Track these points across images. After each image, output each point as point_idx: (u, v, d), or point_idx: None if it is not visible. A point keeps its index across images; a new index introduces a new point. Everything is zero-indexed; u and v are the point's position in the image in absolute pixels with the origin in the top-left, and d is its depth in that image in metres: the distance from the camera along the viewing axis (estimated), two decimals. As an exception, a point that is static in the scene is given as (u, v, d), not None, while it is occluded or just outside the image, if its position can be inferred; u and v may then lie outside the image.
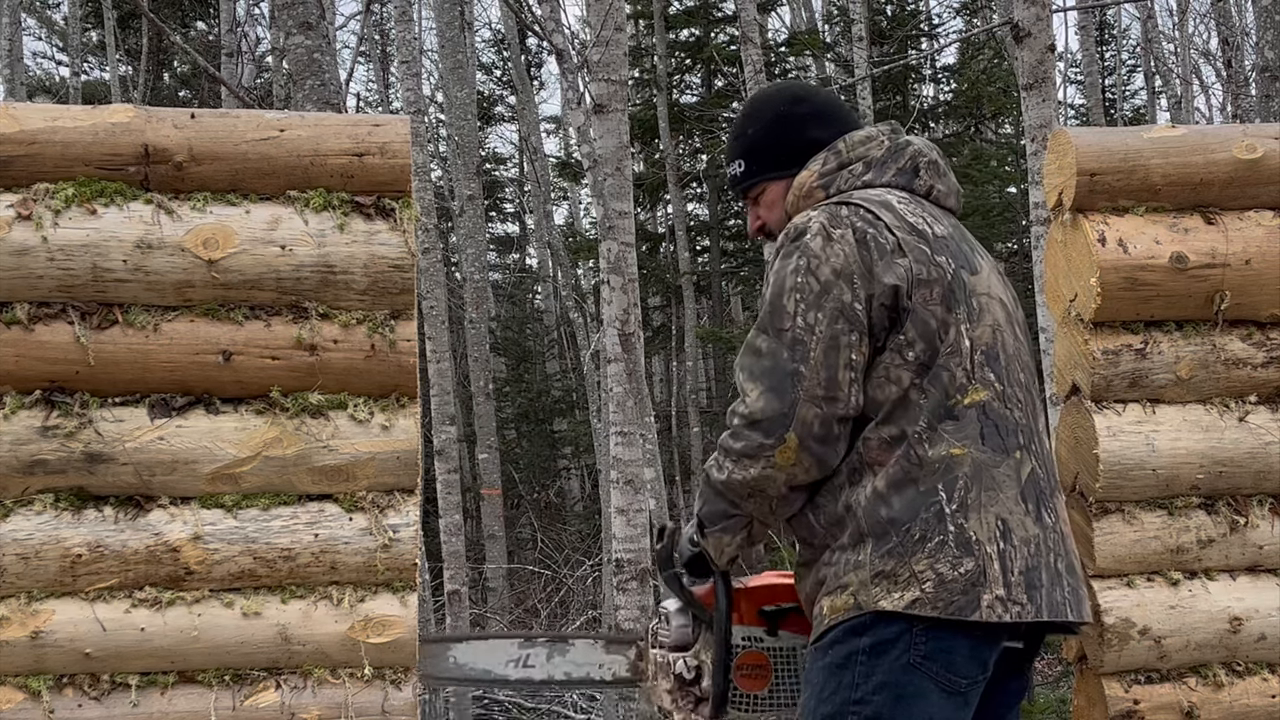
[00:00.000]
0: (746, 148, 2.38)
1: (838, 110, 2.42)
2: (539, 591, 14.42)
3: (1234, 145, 2.56)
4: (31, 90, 16.16)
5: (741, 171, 2.39)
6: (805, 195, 2.30)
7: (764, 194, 2.38)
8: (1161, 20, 20.60)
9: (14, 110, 2.34)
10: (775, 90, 2.48)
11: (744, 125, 2.41)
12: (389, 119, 2.47)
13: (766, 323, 2.13)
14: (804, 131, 2.34)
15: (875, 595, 2.06)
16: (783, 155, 2.34)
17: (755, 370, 2.12)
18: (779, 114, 2.36)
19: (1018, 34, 4.36)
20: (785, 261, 2.15)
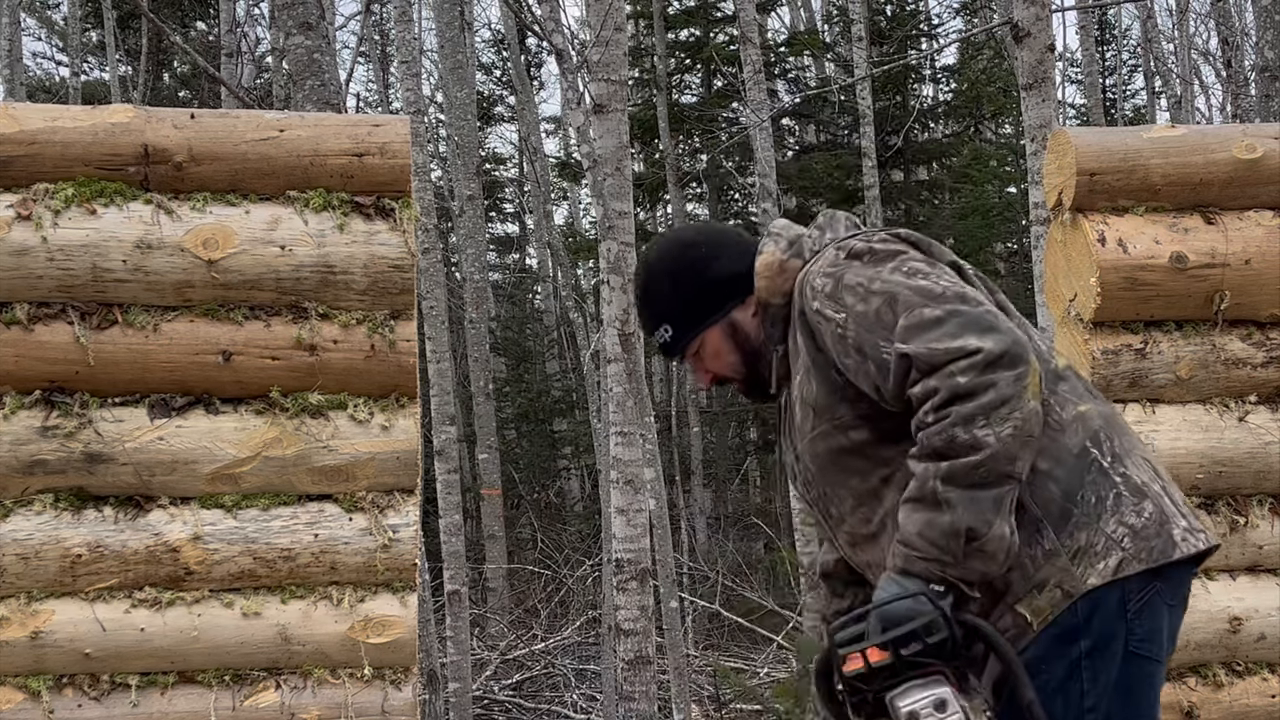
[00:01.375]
0: (665, 310, 2.24)
1: (727, 234, 2.32)
2: (539, 591, 14.42)
3: (1234, 145, 2.56)
4: (31, 90, 16.16)
5: (672, 335, 2.24)
6: (780, 271, 2.16)
7: (703, 347, 2.23)
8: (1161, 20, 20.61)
9: (14, 110, 2.34)
10: (665, 246, 2.33)
11: (653, 289, 2.27)
12: (388, 119, 2.47)
13: (918, 301, 1.94)
14: (714, 270, 2.21)
15: (1082, 575, 1.93)
16: (706, 303, 2.21)
17: (952, 329, 1.89)
18: (681, 266, 2.23)
19: (1017, 34, 4.36)
20: (862, 270, 2.01)
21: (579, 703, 10.89)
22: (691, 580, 13.73)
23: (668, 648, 7.99)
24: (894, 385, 1.94)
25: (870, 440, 2.03)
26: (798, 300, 2.11)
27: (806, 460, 2.14)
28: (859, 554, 2.14)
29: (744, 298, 2.20)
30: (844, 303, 2.01)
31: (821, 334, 2.03)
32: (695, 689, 9.96)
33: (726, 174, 16.32)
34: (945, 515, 1.85)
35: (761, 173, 10.24)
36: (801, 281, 2.11)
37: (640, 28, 16.71)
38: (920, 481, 1.88)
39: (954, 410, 1.85)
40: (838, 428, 2.06)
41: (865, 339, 1.97)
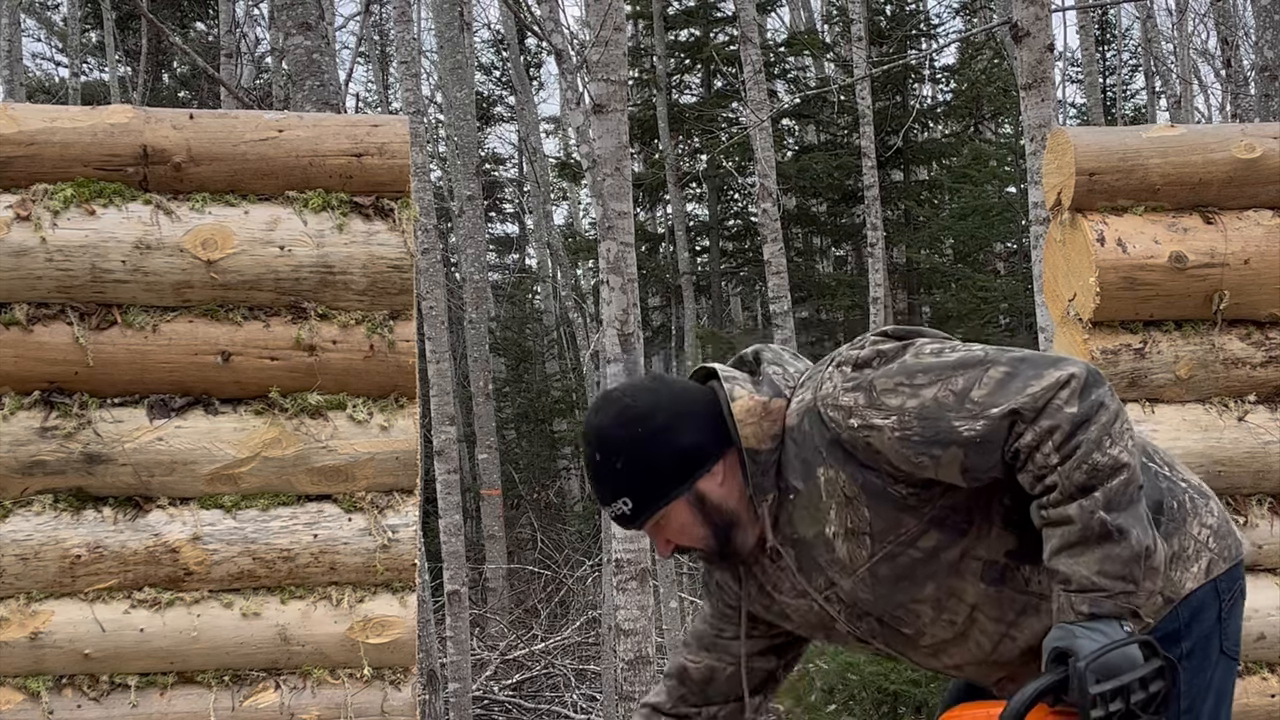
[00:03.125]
0: (625, 484, 2.02)
1: (686, 394, 2.08)
2: (539, 591, 14.43)
3: (1233, 145, 2.55)
4: (31, 91, 16.16)
5: (632, 509, 2.03)
6: (764, 414, 2.01)
7: (666, 520, 2.04)
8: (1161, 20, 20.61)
9: (13, 111, 2.34)
10: (616, 412, 2.07)
11: (607, 462, 2.04)
12: (388, 119, 2.47)
13: (973, 372, 1.87)
14: (676, 443, 2.01)
15: (1179, 580, 1.93)
16: (668, 477, 2.01)
17: (1029, 373, 1.84)
18: (639, 436, 2.02)
19: (1017, 34, 4.36)
20: (890, 370, 1.92)
21: (579, 703, 10.90)
22: (691, 580, 13.72)
23: (668, 648, 7.99)
24: (994, 453, 1.84)
25: (941, 542, 1.94)
26: (817, 432, 1.96)
27: (859, 593, 2.00)
28: (945, 660, 2.06)
29: (711, 466, 2.01)
30: (890, 406, 1.89)
31: (874, 448, 1.90)
32: (695, 689, 9.94)
33: (726, 174, 16.32)
34: (1120, 543, 1.77)
35: (761, 173, 10.24)
36: (815, 413, 1.96)
37: (640, 28, 16.71)
38: (1082, 521, 1.78)
39: (1081, 439, 1.79)
40: (905, 543, 1.95)
41: (938, 427, 1.85)
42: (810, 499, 1.98)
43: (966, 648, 2.02)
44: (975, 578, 1.95)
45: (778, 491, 2.01)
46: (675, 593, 7.60)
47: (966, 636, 2.00)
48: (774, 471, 2.01)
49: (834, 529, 1.97)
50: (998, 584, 1.95)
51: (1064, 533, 1.80)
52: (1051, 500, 1.81)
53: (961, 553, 1.94)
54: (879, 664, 5.18)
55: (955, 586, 1.96)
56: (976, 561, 1.94)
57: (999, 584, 1.95)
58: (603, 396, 2.12)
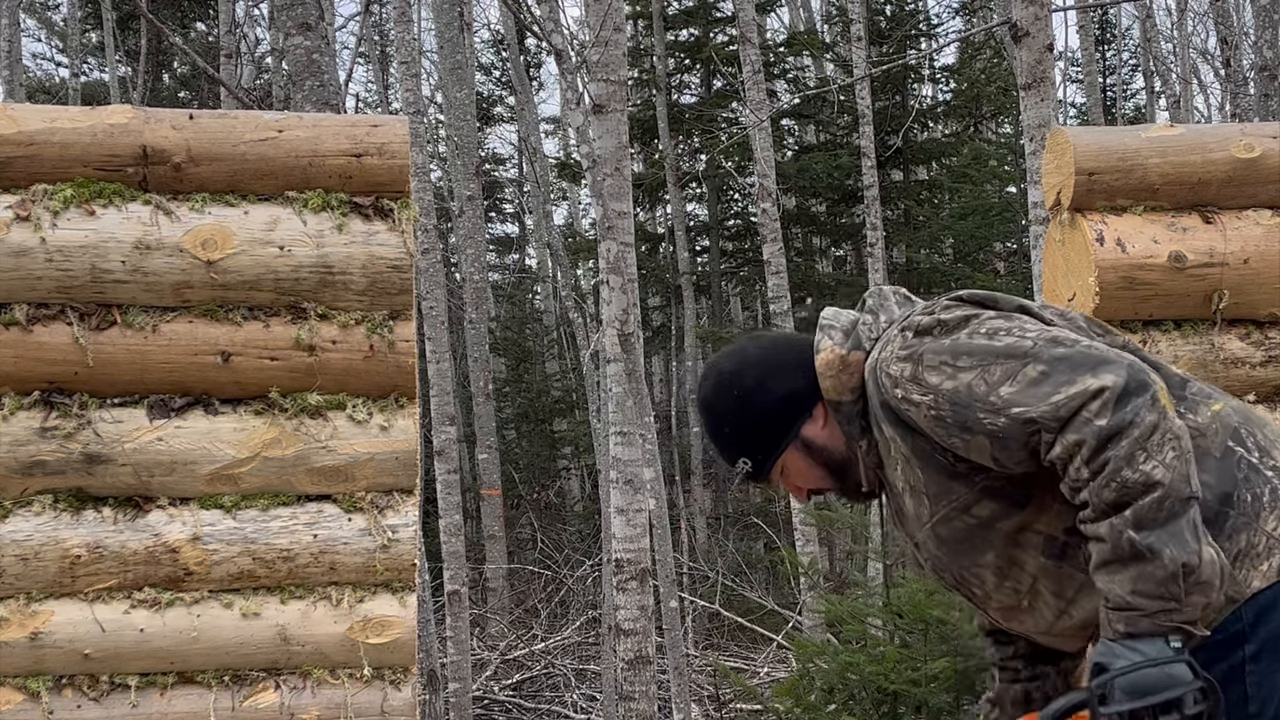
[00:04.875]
0: (738, 445, 2.16)
1: (774, 349, 2.21)
2: (539, 591, 14.43)
3: (1232, 144, 2.55)
4: (31, 91, 16.16)
5: (752, 467, 2.16)
6: (843, 368, 2.07)
7: (786, 469, 2.16)
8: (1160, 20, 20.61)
9: (12, 111, 2.34)
10: (715, 382, 2.20)
11: (717, 428, 2.18)
12: (387, 120, 2.47)
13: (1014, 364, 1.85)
14: (769, 396, 2.12)
15: (1245, 579, 1.84)
16: (772, 431, 2.13)
17: (1062, 378, 1.80)
18: (736, 402, 2.14)
19: (1016, 33, 4.36)
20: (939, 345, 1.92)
21: (579, 703, 10.90)
22: (691, 580, 13.73)
23: (668, 648, 7.99)
24: (1016, 451, 1.85)
25: (996, 512, 1.95)
26: (874, 393, 2.01)
27: (931, 547, 2.05)
28: (1017, 625, 2.07)
29: (810, 411, 2.11)
30: (929, 384, 1.91)
31: (915, 420, 1.94)
32: (695, 689, 9.96)
33: (726, 174, 16.33)
34: (1153, 563, 1.73)
35: (761, 173, 10.24)
36: (874, 373, 2.01)
37: (640, 28, 16.72)
38: (1112, 540, 1.75)
39: (1110, 455, 1.75)
40: (958, 509, 1.97)
41: (966, 415, 1.87)
42: (888, 449, 2.04)
43: (1032, 618, 2.02)
44: (1036, 551, 1.94)
45: (867, 437, 2.07)
46: (675, 592, 7.60)
47: (1032, 608, 2.01)
48: (860, 420, 2.06)
49: (901, 484, 2.03)
50: (1058, 560, 1.93)
51: (1099, 550, 1.78)
52: (1085, 516, 1.79)
53: (1020, 525, 1.94)
54: (879, 664, 5.18)
55: (1016, 557, 1.96)
56: (1037, 535, 1.93)
57: (1059, 560, 1.93)
58: (704, 368, 2.25)
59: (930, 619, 5.16)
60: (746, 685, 7.73)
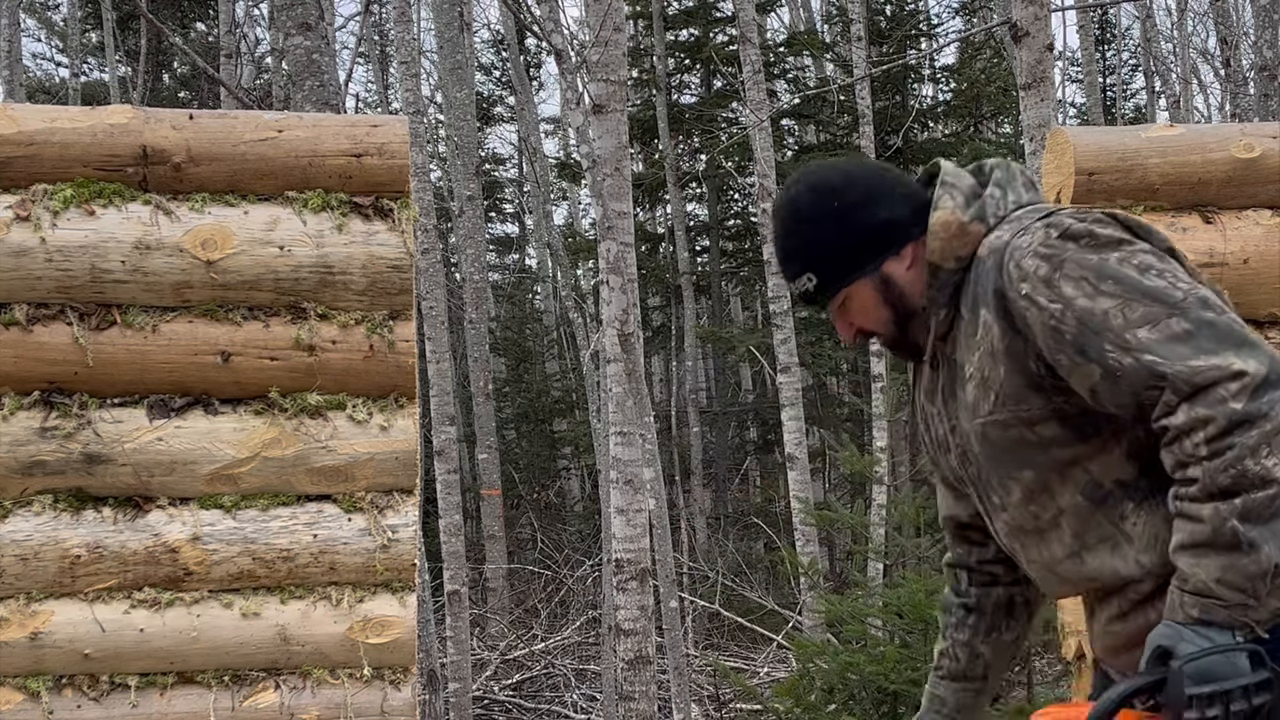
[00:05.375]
0: (813, 258, 2.01)
1: (885, 176, 2.07)
2: (539, 591, 14.43)
3: (1232, 144, 2.56)
4: (31, 91, 16.17)
5: (816, 285, 2.01)
6: (960, 234, 1.95)
7: (849, 300, 2.02)
8: (1160, 20, 20.62)
9: (12, 111, 2.34)
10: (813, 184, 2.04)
11: (797, 232, 2.03)
12: (387, 120, 2.47)
13: (1160, 310, 1.74)
14: (870, 218, 1.99)
15: None
16: (857, 254, 1.99)
17: (1206, 344, 1.71)
18: (832, 210, 1.99)
19: (1016, 33, 4.36)
20: (1086, 258, 1.81)
21: (579, 703, 10.90)
22: (691, 580, 13.73)
23: (668, 648, 8.00)
24: (1124, 395, 1.76)
25: (1057, 438, 1.88)
26: (990, 276, 1.90)
27: (970, 440, 1.97)
28: (1016, 546, 2.01)
29: (900, 249, 1.99)
30: (1063, 294, 1.79)
31: (1028, 321, 1.83)
32: (695, 689, 9.96)
33: (726, 174, 16.33)
34: (1248, 556, 1.67)
35: (761, 173, 10.24)
36: (1000, 257, 1.89)
37: (640, 28, 16.72)
38: (1213, 524, 1.68)
39: (1236, 441, 1.67)
40: (1023, 419, 1.89)
41: (1090, 340, 1.77)
42: (969, 330, 1.94)
43: (1038, 546, 1.97)
44: (1076, 488, 1.88)
45: (951, 309, 1.97)
46: (675, 592, 7.60)
47: (1043, 536, 1.95)
48: (951, 291, 1.97)
49: (972, 368, 1.93)
50: (1095, 504, 1.88)
51: (1192, 530, 1.72)
52: (1188, 494, 1.72)
53: (1074, 458, 1.88)
54: (879, 664, 5.18)
55: (1054, 486, 1.90)
56: (1085, 474, 1.88)
57: (1096, 505, 1.88)
58: (799, 171, 2.10)
59: (930, 619, 5.16)
60: (746, 685, 7.73)
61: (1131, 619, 1.91)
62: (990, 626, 2.24)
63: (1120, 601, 1.92)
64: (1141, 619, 1.89)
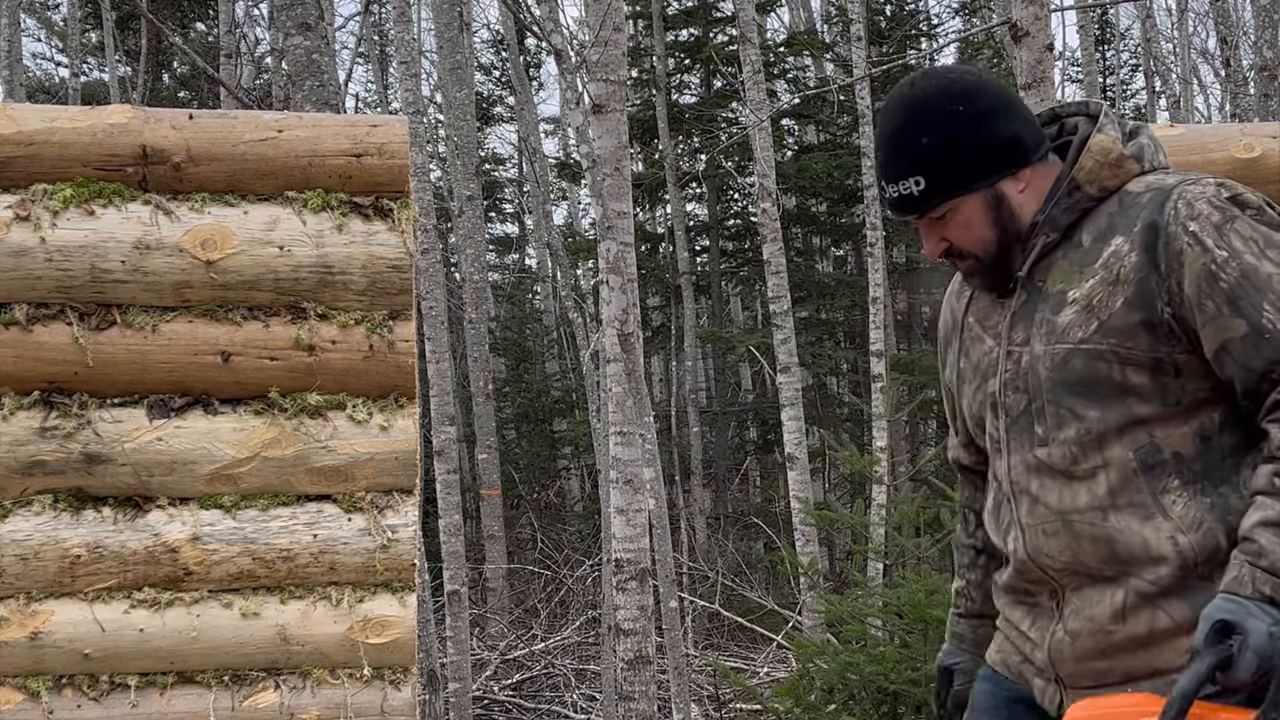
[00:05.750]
0: (927, 160, 1.90)
1: (1016, 97, 1.99)
2: (539, 591, 14.43)
3: (1232, 144, 2.56)
4: (31, 91, 16.17)
5: (921, 191, 1.90)
6: (1114, 164, 1.90)
7: (953, 213, 1.92)
8: (1160, 20, 20.62)
9: (12, 111, 2.34)
10: (942, 85, 1.95)
11: (912, 132, 1.92)
12: (387, 119, 2.47)
13: None
14: (999, 129, 1.91)
15: None
16: (976, 165, 1.90)
17: None
18: (960, 115, 1.90)
19: (1016, 34, 4.36)
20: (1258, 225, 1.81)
21: (579, 703, 10.90)
22: (691, 580, 13.73)
23: (668, 648, 7.99)
24: (1260, 360, 1.76)
25: (1143, 389, 1.83)
26: (1147, 209, 1.85)
27: (1044, 362, 1.90)
28: (1035, 486, 1.94)
29: (1019, 170, 1.92)
30: (1232, 245, 1.77)
31: (1183, 259, 1.79)
32: (695, 689, 9.96)
33: (726, 174, 16.33)
34: None
35: (761, 173, 10.24)
36: (1166, 195, 1.84)
37: (639, 28, 16.72)
38: None
39: None
40: (1119, 356, 1.83)
41: (1248, 294, 1.75)
42: (1085, 258, 1.89)
43: (1060, 490, 1.90)
44: (1131, 446, 1.84)
45: (1060, 236, 1.92)
46: (675, 592, 7.60)
47: (1071, 481, 1.89)
48: (1077, 216, 1.92)
49: (1078, 293, 1.88)
50: (1144, 469, 1.84)
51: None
52: None
53: (1145, 417, 1.84)
54: (879, 664, 5.18)
55: (1109, 436, 1.85)
56: (1148, 437, 1.84)
57: (1145, 470, 1.84)
58: (926, 70, 2.03)
59: (930, 619, 5.16)
60: (746, 685, 7.73)
61: (1134, 619, 1.85)
62: (999, 566, 2.17)
63: (1124, 593, 1.85)
64: (1146, 620, 1.83)
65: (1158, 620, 1.82)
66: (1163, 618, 1.82)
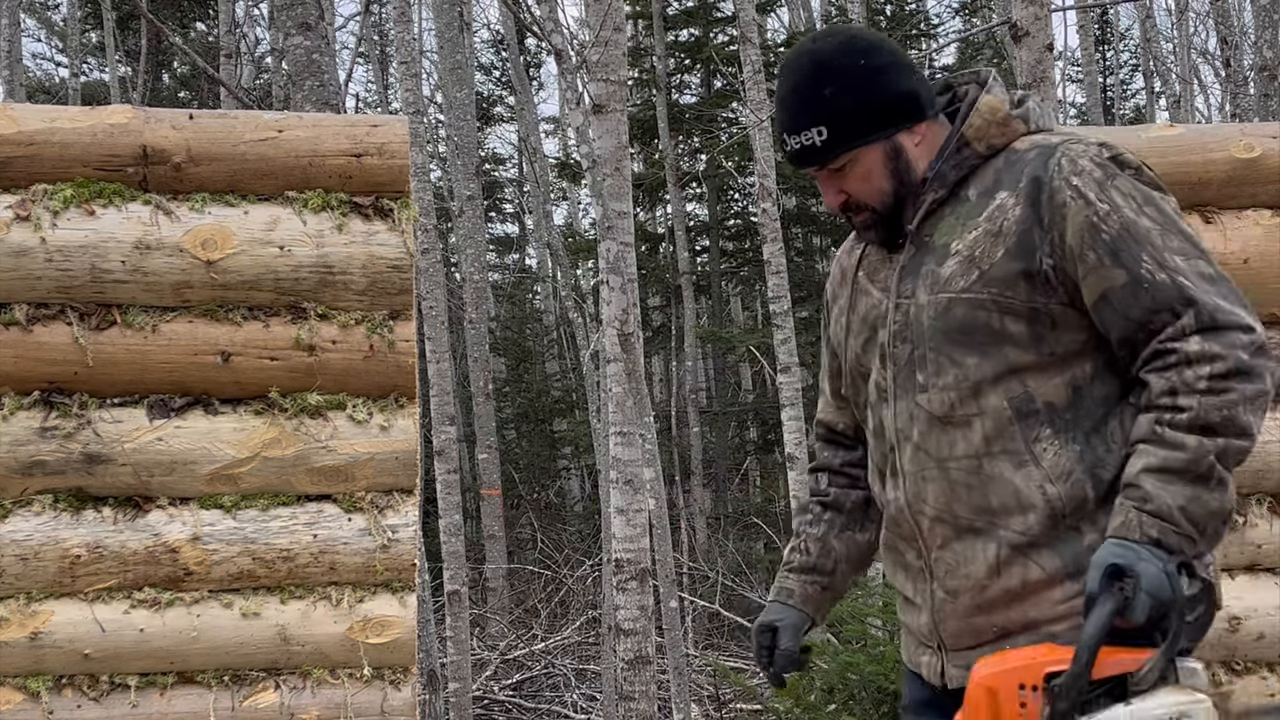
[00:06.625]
0: (828, 111, 1.95)
1: (908, 55, 2.07)
2: (539, 591, 14.42)
3: (1232, 144, 2.56)
4: (31, 91, 16.16)
5: (824, 141, 1.95)
6: (1001, 123, 1.97)
7: (853, 164, 1.98)
8: (1160, 20, 20.62)
9: (12, 111, 2.34)
10: (843, 41, 2.02)
11: (815, 86, 1.97)
12: (387, 119, 2.47)
13: (1193, 249, 1.82)
14: (894, 85, 1.97)
15: None
16: (878, 117, 1.96)
17: (1230, 295, 1.78)
18: (860, 69, 1.96)
19: (1016, 33, 4.36)
20: (1136, 183, 1.87)
21: (579, 703, 10.89)
22: (691, 580, 13.73)
23: (668, 648, 8.00)
24: (1139, 309, 1.79)
25: (1020, 338, 1.87)
26: (1034, 165, 1.90)
27: (928, 311, 1.94)
28: (915, 434, 1.96)
29: (915, 124, 1.99)
30: (1112, 199, 1.84)
31: (1065, 213, 1.84)
32: (695, 689, 9.96)
33: (726, 174, 16.32)
34: (1216, 495, 1.73)
35: (761, 173, 10.24)
36: (1050, 151, 1.90)
37: (640, 28, 16.72)
38: (1193, 454, 1.72)
39: (1237, 388, 1.72)
40: (998, 304, 1.88)
41: (1128, 246, 1.81)
42: (969, 212, 1.94)
43: (938, 438, 1.93)
44: (1007, 394, 1.88)
45: (948, 192, 1.98)
46: (675, 592, 7.60)
47: (947, 429, 1.92)
48: (965, 172, 1.98)
49: (960, 245, 1.93)
50: (1017, 417, 1.88)
51: (1167, 456, 1.74)
52: (1172, 421, 1.74)
53: (1022, 366, 1.88)
54: (879, 664, 5.18)
55: (987, 383, 1.89)
56: (1022, 386, 1.87)
57: (1018, 418, 1.88)
58: (827, 29, 2.09)
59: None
60: (746, 685, 7.73)
61: (1007, 573, 1.87)
62: (846, 524, 2.23)
63: (995, 547, 1.87)
64: (1019, 573, 1.86)
65: (1030, 572, 1.86)
66: (1034, 569, 1.86)
